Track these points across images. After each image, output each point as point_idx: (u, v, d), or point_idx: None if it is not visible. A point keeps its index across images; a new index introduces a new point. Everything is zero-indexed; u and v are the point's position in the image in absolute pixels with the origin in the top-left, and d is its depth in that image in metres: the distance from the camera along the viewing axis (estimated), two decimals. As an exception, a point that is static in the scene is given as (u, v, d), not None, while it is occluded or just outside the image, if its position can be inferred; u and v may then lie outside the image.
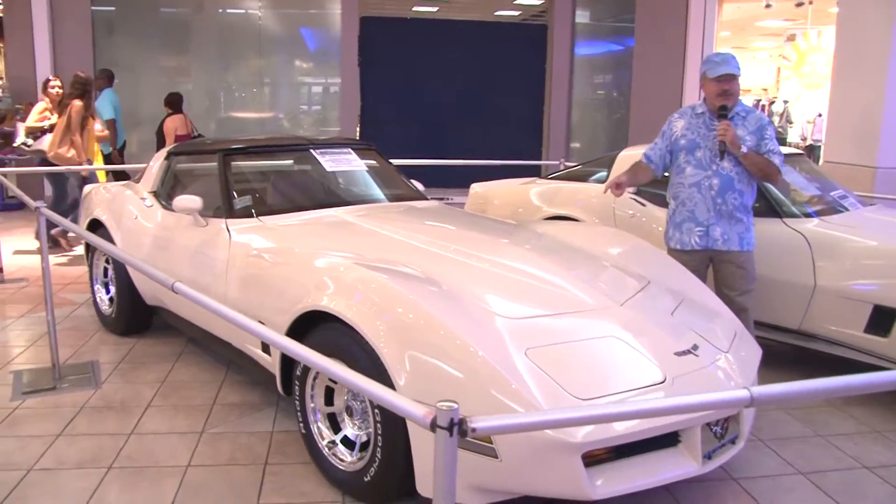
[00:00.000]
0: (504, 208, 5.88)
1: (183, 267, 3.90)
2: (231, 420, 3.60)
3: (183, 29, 11.35)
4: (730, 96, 3.74)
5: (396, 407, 1.46)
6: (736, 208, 3.80)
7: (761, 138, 3.79)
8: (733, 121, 3.77)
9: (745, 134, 3.79)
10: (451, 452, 1.30)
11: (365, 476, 2.73)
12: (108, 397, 3.86)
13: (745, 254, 3.84)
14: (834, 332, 3.96)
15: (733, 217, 3.81)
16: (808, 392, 1.55)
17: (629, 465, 2.46)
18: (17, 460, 3.16)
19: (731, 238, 3.82)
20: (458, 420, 1.31)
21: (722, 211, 3.80)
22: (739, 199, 3.80)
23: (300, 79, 12.03)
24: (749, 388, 1.45)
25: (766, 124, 3.85)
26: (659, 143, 4.04)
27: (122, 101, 9.42)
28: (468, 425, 1.31)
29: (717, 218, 3.82)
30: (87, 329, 4.97)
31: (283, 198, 4.34)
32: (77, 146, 7.07)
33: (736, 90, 3.77)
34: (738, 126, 3.79)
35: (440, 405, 1.33)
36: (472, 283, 3.00)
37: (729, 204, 3.79)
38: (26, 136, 7.52)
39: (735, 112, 3.81)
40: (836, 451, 3.36)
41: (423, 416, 1.37)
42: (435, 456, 1.33)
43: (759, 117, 3.88)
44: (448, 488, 1.29)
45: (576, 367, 2.55)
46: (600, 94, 12.70)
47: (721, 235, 3.82)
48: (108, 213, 4.74)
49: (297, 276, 3.17)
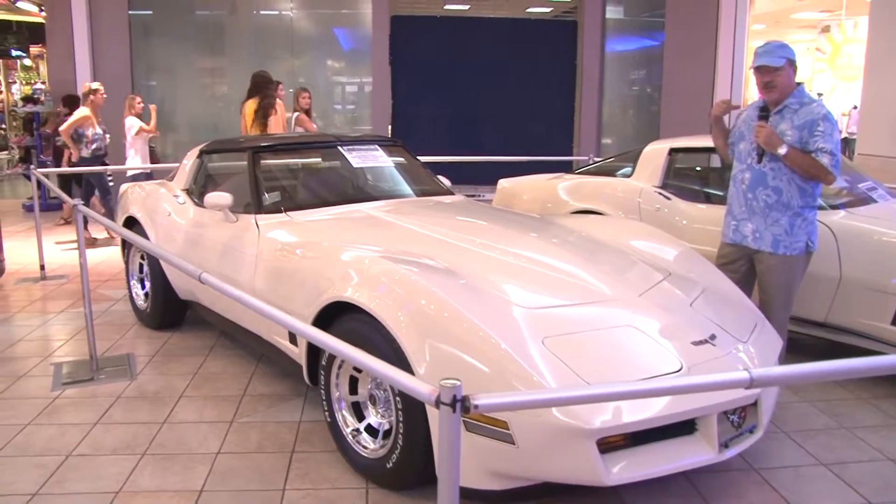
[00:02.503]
0: (532, 203, 5.92)
1: (214, 261, 4.01)
2: (260, 410, 3.70)
3: (218, 31, 11.56)
4: (772, 89, 3.52)
5: (402, 385, 1.52)
6: (770, 206, 3.59)
7: (810, 134, 3.47)
8: (782, 113, 3.55)
9: (787, 129, 3.51)
10: (455, 429, 1.35)
11: (387, 463, 2.80)
12: (143, 388, 3.98)
13: (779, 257, 3.61)
14: (860, 325, 3.93)
15: (767, 216, 3.60)
16: (807, 374, 1.57)
17: (645, 453, 2.49)
18: (57, 446, 3.29)
19: (764, 237, 3.63)
20: (462, 397, 1.36)
21: (753, 207, 3.64)
22: (775, 198, 3.58)
23: (333, 78, 12.16)
24: (749, 370, 1.48)
25: (819, 118, 3.47)
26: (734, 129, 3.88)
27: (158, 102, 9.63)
28: (471, 402, 1.36)
29: (748, 214, 3.67)
30: (123, 323, 5.12)
31: (310, 194, 4.43)
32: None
33: (780, 82, 3.50)
34: (786, 120, 3.54)
35: (444, 382, 1.39)
36: (492, 273, 3.05)
37: (760, 201, 3.61)
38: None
39: (786, 104, 3.55)
40: (861, 443, 3.35)
41: (429, 394, 1.42)
42: (439, 432, 1.39)
43: (813, 110, 3.50)
44: (453, 464, 1.35)
45: (592, 356, 2.59)
46: (631, 90, 12.63)
47: (752, 233, 3.67)
48: (142, 211, 4.88)
49: (324, 269, 3.25)
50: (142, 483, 2.98)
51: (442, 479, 1.36)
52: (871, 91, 6.63)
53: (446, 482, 1.34)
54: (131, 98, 8.44)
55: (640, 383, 1.60)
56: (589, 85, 11.87)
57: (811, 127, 3.47)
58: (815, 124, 3.46)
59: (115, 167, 7.94)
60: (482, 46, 11.57)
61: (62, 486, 2.96)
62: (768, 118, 3.60)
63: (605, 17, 11.88)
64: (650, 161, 5.21)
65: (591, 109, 11.95)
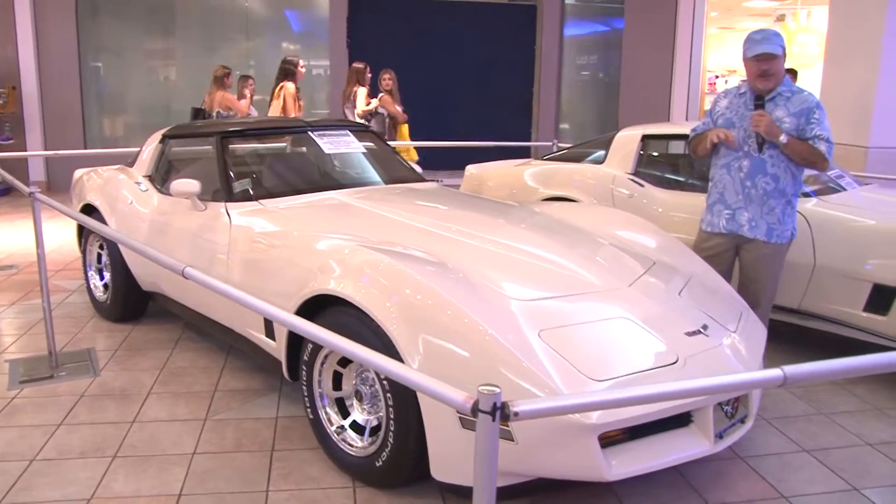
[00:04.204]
0: (499, 190, 5.86)
1: (181, 251, 3.85)
2: (234, 406, 3.57)
3: (167, 11, 11.17)
4: (770, 77, 3.50)
5: (434, 392, 1.44)
6: (768, 194, 3.57)
7: (807, 122, 3.47)
8: (775, 101, 3.54)
9: (784, 116, 3.51)
10: (493, 437, 1.28)
11: (377, 461, 2.72)
12: (108, 385, 3.81)
13: (772, 245, 3.61)
14: (833, 311, 3.98)
15: (765, 203, 3.58)
16: (839, 370, 1.55)
17: (643, 446, 2.46)
18: (20, 450, 3.12)
19: (759, 225, 3.61)
20: (501, 404, 1.29)
21: (751, 195, 3.60)
22: (773, 185, 3.56)
23: (288, 61, 11.89)
24: (782, 368, 1.45)
25: (813, 106, 3.49)
26: (707, 120, 3.85)
27: (106, 84, 9.28)
28: (511, 409, 1.29)
29: (745, 202, 3.62)
30: (81, 316, 4.91)
31: (282, 181, 4.29)
32: None
33: (777, 70, 3.50)
34: (780, 107, 3.53)
35: (482, 389, 1.31)
36: (480, 264, 2.98)
37: (759, 188, 3.57)
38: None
39: (778, 92, 3.54)
40: (839, 428, 3.39)
41: (464, 401, 1.35)
42: (476, 441, 1.31)
43: (806, 98, 3.53)
44: (489, 474, 1.28)
45: (589, 348, 2.54)
46: (590, 76, 12.67)
47: (748, 221, 3.63)
48: (101, 198, 4.66)
49: (302, 260, 3.14)
50: (116, 488, 2.84)
51: (477, 492, 1.29)
52: (831, 79, 6.74)
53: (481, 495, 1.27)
54: (244, 80, 8.44)
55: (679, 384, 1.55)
56: (548, 70, 11.87)
57: (808, 115, 3.49)
58: (811, 112, 3.50)
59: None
60: (441, 29, 11.47)
61: (29, 493, 2.80)
62: (764, 106, 3.56)
63: (564, 2, 11.87)
64: (622, 147, 5.19)
65: (549, 95, 11.95)
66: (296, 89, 7.88)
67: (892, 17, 6.07)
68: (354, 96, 8.15)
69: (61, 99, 10.39)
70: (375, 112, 8.04)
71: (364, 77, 8.20)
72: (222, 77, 8.16)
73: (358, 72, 8.24)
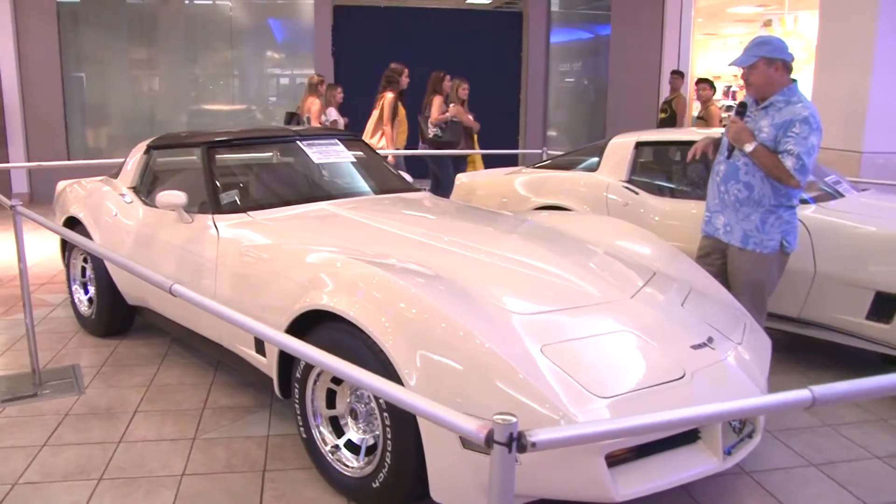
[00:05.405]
0: (489, 199, 5.77)
1: (168, 265, 3.74)
2: (223, 425, 3.46)
3: (150, 20, 11.05)
4: (749, 86, 3.54)
5: (445, 421, 1.35)
6: (740, 201, 3.56)
7: (784, 134, 3.40)
8: (767, 110, 3.50)
9: (765, 125, 3.47)
10: (510, 470, 1.19)
11: (373, 482, 2.62)
12: (93, 403, 3.69)
13: (749, 253, 3.57)
14: (835, 320, 3.92)
15: (738, 210, 3.58)
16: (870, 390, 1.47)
17: (650, 465, 2.38)
18: (1, 474, 3.00)
19: (734, 231, 3.61)
20: (518, 434, 1.20)
21: (725, 200, 3.63)
22: (746, 193, 3.54)
23: (272, 70, 11.80)
24: (811, 389, 1.37)
25: (797, 120, 3.38)
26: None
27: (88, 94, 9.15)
28: (528, 439, 1.20)
29: (721, 206, 3.67)
30: (65, 331, 4.78)
31: (270, 192, 4.19)
32: (387, 136, 7.52)
33: (755, 81, 3.50)
34: (768, 116, 3.49)
35: (497, 418, 1.22)
36: (476, 276, 2.90)
37: (731, 195, 3.59)
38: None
39: (772, 101, 3.49)
40: (846, 440, 3.32)
41: (476, 431, 1.25)
42: (491, 473, 1.22)
43: (795, 111, 3.42)
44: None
45: (593, 364, 2.46)
46: (577, 83, 12.64)
47: (723, 226, 3.66)
48: (85, 211, 4.54)
49: (293, 274, 3.04)
50: (102, 513, 2.73)
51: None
52: (822, 84, 6.71)
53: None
54: (333, 87, 8.36)
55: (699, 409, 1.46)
56: (534, 77, 11.82)
57: (787, 127, 3.41)
58: (792, 125, 3.40)
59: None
60: (427, 37, 11.39)
61: (11, 519, 2.69)
62: (744, 114, 3.60)
63: (550, 9, 11.83)
64: (615, 155, 5.12)
65: (536, 102, 11.90)
66: (395, 99, 7.59)
67: (884, 20, 6.04)
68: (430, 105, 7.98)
69: (43, 110, 10.22)
70: (451, 121, 7.89)
71: (441, 86, 7.97)
72: (316, 84, 8.23)
73: (436, 80, 8.01)
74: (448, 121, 7.93)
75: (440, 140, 7.97)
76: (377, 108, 7.71)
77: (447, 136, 7.95)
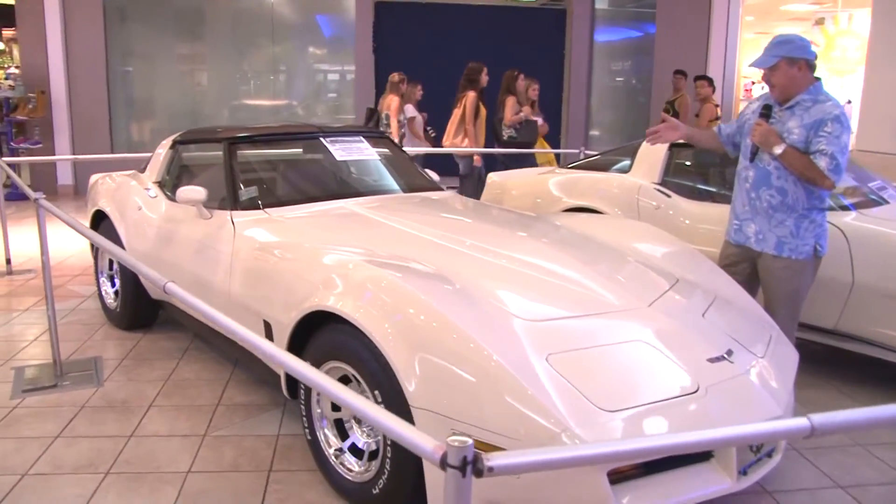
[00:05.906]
0: (522, 199, 5.67)
1: (187, 261, 3.74)
2: (235, 422, 3.43)
3: (197, 16, 11.19)
4: (771, 87, 3.38)
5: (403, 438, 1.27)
6: (773, 207, 3.39)
7: (815, 134, 3.24)
8: (793, 110, 3.34)
9: (795, 126, 3.31)
10: (465, 496, 1.11)
11: (373, 488, 2.56)
12: (110, 396, 3.71)
13: (784, 260, 3.41)
14: (873, 333, 3.73)
15: (771, 217, 3.41)
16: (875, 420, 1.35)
17: (658, 482, 2.27)
18: (13, 464, 3.02)
19: (767, 239, 3.44)
20: (472, 458, 1.12)
21: (756, 207, 3.45)
22: (779, 198, 3.37)
23: (314, 66, 11.85)
24: (809, 417, 1.26)
25: (829, 119, 3.23)
26: (734, 121, 3.71)
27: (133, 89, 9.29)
28: (484, 464, 1.12)
29: (752, 213, 3.48)
30: (92, 323, 4.83)
31: (291, 189, 4.17)
32: (470, 135, 7.53)
33: (777, 81, 3.33)
34: (795, 117, 3.32)
35: (450, 440, 1.14)
36: (488, 280, 2.81)
37: (763, 201, 3.41)
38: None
39: (798, 100, 3.33)
40: (878, 462, 3.14)
41: (433, 451, 1.18)
42: (445, 496, 1.14)
43: (825, 109, 3.26)
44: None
45: (601, 374, 2.35)
46: (620, 81, 12.41)
47: (755, 234, 3.48)
48: (112, 205, 4.58)
49: (305, 273, 2.99)
50: (103, 508, 2.72)
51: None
52: (872, 85, 6.44)
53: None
54: (413, 84, 8.34)
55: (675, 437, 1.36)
56: (577, 75, 11.64)
57: (818, 127, 3.25)
58: (823, 124, 3.24)
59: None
60: (469, 34, 11.30)
61: (15, 511, 2.70)
62: (770, 116, 3.41)
63: (594, 7, 11.64)
64: (649, 156, 4.98)
65: (579, 100, 11.72)
66: (476, 98, 7.53)
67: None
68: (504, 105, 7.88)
69: (89, 104, 10.43)
70: (526, 121, 7.78)
71: (515, 85, 7.85)
72: (398, 83, 8.22)
73: (510, 79, 7.88)
74: (522, 121, 7.78)
75: (515, 141, 7.83)
76: (459, 107, 7.61)
77: (522, 137, 7.80)
